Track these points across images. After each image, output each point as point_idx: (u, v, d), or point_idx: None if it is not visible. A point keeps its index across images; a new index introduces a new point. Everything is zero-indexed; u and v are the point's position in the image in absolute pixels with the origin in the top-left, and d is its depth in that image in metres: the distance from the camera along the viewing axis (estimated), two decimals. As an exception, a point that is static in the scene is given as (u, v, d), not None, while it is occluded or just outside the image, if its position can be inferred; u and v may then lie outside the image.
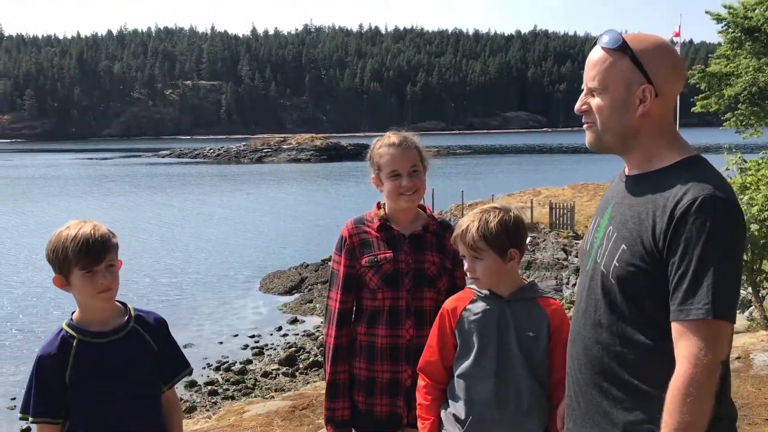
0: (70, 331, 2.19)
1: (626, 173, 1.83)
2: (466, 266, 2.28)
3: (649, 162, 1.76)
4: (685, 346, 1.55)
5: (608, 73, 1.74)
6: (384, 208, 2.63)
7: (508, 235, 2.22)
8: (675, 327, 1.58)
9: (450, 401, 2.28)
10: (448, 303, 2.33)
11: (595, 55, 1.78)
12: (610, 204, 1.83)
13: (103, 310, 2.22)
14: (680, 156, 1.73)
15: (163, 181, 58.87)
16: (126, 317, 2.26)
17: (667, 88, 1.73)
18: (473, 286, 2.31)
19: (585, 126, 1.82)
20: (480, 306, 2.26)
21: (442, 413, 2.30)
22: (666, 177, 1.69)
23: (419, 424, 2.33)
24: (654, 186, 1.70)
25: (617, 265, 1.70)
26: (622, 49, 1.73)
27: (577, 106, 1.83)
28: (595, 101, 1.77)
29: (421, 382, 2.35)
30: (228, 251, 27.15)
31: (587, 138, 1.82)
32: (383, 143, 2.59)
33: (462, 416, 2.23)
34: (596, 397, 1.77)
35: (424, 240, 2.58)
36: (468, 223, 2.24)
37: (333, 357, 2.58)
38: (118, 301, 2.28)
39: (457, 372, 2.26)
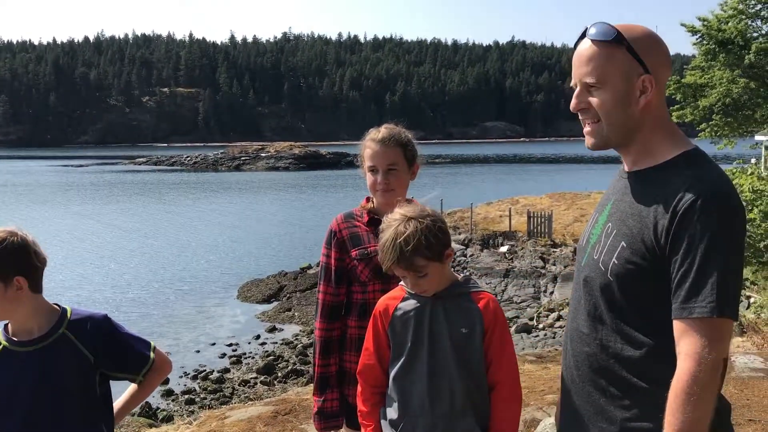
0: (0, 338, 2.07)
1: (626, 170, 1.77)
2: (410, 285, 2.14)
3: (648, 156, 1.70)
4: (688, 344, 1.50)
5: (606, 66, 1.65)
6: (372, 202, 2.63)
7: (440, 240, 2.08)
8: (677, 325, 1.54)
9: (386, 404, 2.20)
10: (380, 303, 2.22)
11: (587, 49, 1.68)
12: (610, 201, 1.78)
13: (30, 317, 2.04)
14: (680, 149, 1.67)
15: (140, 188, 58.28)
16: (54, 324, 2.05)
17: (662, 77, 1.69)
18: (404, 283, 2.20)
19: (585, 125, 1.74)
20: (411, 304, 2.15)
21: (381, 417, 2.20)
22: (667, 173, 1.64)
23: (362, 430, 2.24)
24: (655, 183, 1.64)
25: (616, 262, 1.66)
26: (617, 40, 1.64)
27: (573, 104, 1.73)
28: (595, 98, 1.69)
29: (359, 387, 2.27)
30: (205, 259, 26.91)
31: (588, 140, 1.74)
32: (370, 137, 2.58)
33: (395, 418, 2.15)
34: (593, 394, 1.73)
35: None
36: (397, 245, 2.04)
37: (323, 350, 2.56)
38: (56, 304, 2.11)
39: (392, 374, 2.17)
